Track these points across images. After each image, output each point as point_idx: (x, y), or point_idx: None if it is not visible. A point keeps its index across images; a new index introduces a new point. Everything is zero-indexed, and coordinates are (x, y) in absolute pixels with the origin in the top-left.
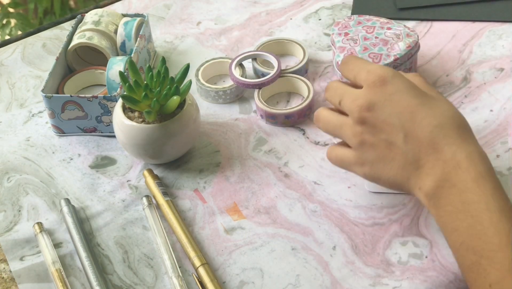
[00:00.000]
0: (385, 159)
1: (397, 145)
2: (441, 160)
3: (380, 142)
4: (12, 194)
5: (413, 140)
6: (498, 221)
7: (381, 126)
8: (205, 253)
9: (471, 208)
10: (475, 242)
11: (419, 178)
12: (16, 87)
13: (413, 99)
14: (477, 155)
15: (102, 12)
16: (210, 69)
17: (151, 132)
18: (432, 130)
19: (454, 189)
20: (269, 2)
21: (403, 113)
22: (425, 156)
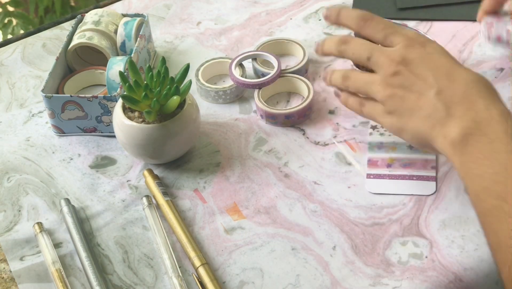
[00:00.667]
0: (413, 109)
1: (429, 97)
2: (474, 110)
3: (411, 94)
4: (12, 194)
5: (446, 95)
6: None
7: (415, 80)
8: (205, 253)
9: (500, 156)
10: (499, 187)
11: (446, 126)
12: (16, 87)
13: (449, 60)
14: (508, 113)
15: (102, 12)
16: (210, 69)
17: (151, 132)
18: (468, 84)
19: (484, 138)
20: (269, 2)
21: (439, 71)
22: (457, 106)
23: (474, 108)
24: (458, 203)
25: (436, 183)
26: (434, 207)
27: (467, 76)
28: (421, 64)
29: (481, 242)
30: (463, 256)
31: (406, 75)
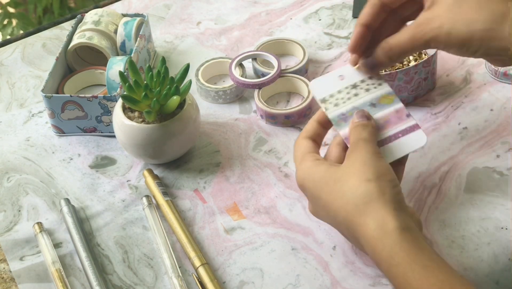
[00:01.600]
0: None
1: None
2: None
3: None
4: (12, 194)
5: (349, 235)
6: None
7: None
8: (205, 253)
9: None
10: None
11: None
12: (16, 87)
13: (323, 202)
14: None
15: (102, 12)
16: (210, 69)
17: (151, 132)
18: (345, 217)
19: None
20: (269, 2)
21: (326, 217)
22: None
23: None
24: (458, 203)
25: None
26: (434, 207)
27: (340, 207)
28: (316, 209)
29: (481, 242)
30: (463, 256)
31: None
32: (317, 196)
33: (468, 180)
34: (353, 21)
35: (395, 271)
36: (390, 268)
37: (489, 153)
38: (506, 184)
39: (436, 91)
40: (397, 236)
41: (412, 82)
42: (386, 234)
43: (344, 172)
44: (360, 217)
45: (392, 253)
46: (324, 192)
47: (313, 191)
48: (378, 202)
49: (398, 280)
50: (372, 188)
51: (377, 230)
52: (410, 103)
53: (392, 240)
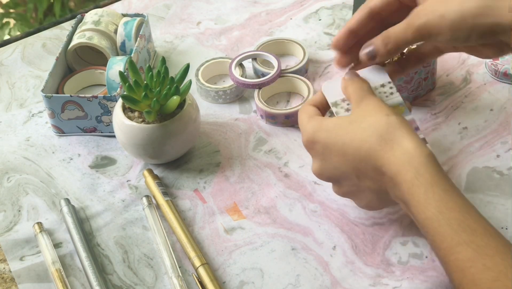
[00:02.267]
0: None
1: (360, 185)
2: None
3: (351, 187)
4: (12, 194)
5: (364, 175)
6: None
7: (337, 180)
8: (205, 253)
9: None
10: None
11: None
12: (16, 87)
13: (338, 147)
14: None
15: (102, 12)
16: (210, 69)
17: (151, 132)
18: (368, 153)
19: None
20: (269, 2)
21: (342, 163)
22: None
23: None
24: None
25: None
26: None
27: (363, 147)
28: (326, 165)
29: None
30: None
31: (328, 179)
32: (331, 143)
33: (468, 180)
34: None
35: (416, 191)
36: (412, 188)
37: (489, 153)
38: (506, 183)
39: (436, 91)
40: (423, 158)
41: (412, 82)
42: (413, 157)
43: (358, 114)
44: (386, 145)
45: (417, 174)
46: (341, 134)
47: (327, 139)
48: (402, 131)
49: (417, 200)
50: (393, 120)
51: (404, 154)
52: (410, 103)
53: (418, 162)
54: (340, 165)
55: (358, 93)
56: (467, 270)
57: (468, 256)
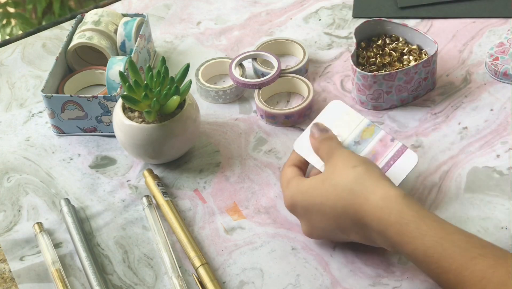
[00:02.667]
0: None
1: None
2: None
3: (344, 240)
4: (12, 194)
5: (348, 230)
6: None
7: (327, 236)
8: (205, 253)
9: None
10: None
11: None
12: (16, 87)
13: (317, 207)
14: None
15: (102, 12)
16: (210, 69)
17: (151, 132)
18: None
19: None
20: (269, 2)
21: (324, 222)
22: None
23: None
24: (458, 202)
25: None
26: (434, 206)
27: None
28: (309, 224)
29: None
30: None
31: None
32: (309, 205)
33: (468, 180)
34: (353, 21)
35: (406, 230)
36: (401, 228)
37: (489, 153)
38: (506, 183)
39: (436, 91)
40: (402, 200)
41: (412, 82)
42: (391, 201)
43: (329, 171)
44: (359, 197)
45: (402, 214)
46: (316, 195)
47: (304, 201)
48: (371, 180)
49: (411, 236)
50: (362, 170)
51: (381, 201)
52: (410, 103)
53: (398, 204)
54: (323, 224)
55: (327, 151)
56: (490, 276)
57: (489, 264)
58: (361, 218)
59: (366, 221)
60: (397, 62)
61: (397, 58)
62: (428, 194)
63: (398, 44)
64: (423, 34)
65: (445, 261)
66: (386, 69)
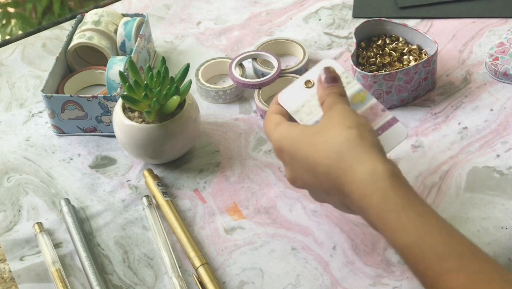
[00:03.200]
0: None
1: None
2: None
3: (324, 199)
4: (12, 194)
5: (330, 192)
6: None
7: (308, 190)
8: (205, 253)
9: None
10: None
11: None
12: (16, 87)
13: (302, 159)
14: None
15: (102, 12)
16: (210, 69)
17: (151, 132)
18: (328, 171)
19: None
20: (269, 2)
21: (307, 176)
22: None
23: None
24: (458, 202)
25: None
26: (434, 206)
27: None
28: (294, 171)
29: (481, 242)
30: None
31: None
32: (295, 153)
33: (468, 179)
34: (353, 21)
35: (387, 217)
36: (382, 213)
37: (489, 153)
38: (506, 183)
39: (436, 91)
40: (388, 179)
41: (412, 82)
42: (376, 178)
43: (323, 124)
44: (346, 162)
45: (385, 198)
46: (304, 145)
47: (291, 148)
48: (362, 147)
49: (391, 226)
50: (355, 133)
51: (366, 174)
52: (410, 103)
53: (384, 184)
54: (306, 177)
55: (330, 103)
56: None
57: (462, 283)
58: (342, 185)
59: (347, 190)
60: (397, 62)
61: (397, 58)
62: (428, 194)
63: (398, 44)
64: (423, 34)
65: (421, 264)
66: (386, 69)
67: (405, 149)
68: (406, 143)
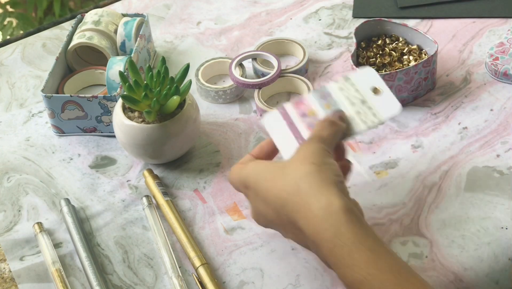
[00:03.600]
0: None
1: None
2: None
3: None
4: (12, 194)
5: (287, 228)
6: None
7: (271, 227)
8: (205, 253)
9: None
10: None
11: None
12: (16, 87)
13: (263, 193)
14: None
15: (102, 12)
16: (210, 69)
17: (151, 132)
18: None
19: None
20: (269, 2)
21: (266, 211)
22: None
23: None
24: (458, 202)
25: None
26: (434, 206)
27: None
28: (257, 210)
29: (481, 242)
30: (463, 256)
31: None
32: (258, 188)
33: (468, 179)
34: (353, 21)
35: (339, 252)
36: (334, 248)
37: (489, 153)
38: (506, 183)
39: (436, 91)
40: (342, 216)
41: (412, 82)
42: (331, 213)
43: (290, 160)
44: (302, 197)
45: (338, 233)
46: (266, 179)
47: (255, 184)
48: (321, 183)
49: (342, 262)
50: (315, 169)
51: (321, 210)
52: (410, 103)
53: (338, 220)
54: (266, 213)
55: (315, 132)
56: None
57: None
58: (297, 219)
59: (301, 225)
60: (397, 62)
61: (397, 58)
62: (428, 194)
63: (398, 44)
64: (423, 34)
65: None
66: (386, 69)
67: (405, 149)
68: (406, 144)
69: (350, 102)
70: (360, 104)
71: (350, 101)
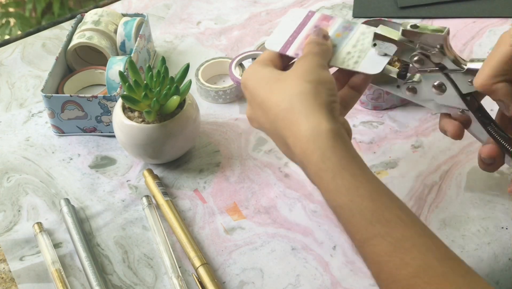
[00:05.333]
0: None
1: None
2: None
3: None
4: (12, 194)
5: (278, 140)
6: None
7: (264, 131)
8: (205, 253)
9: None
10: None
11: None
12: (15, 87)
13: (259, 101)
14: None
15: (102, 12)
16: (210, 69)
17: (151, 132)
18: (278, 118)
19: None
20: (269, 2)
21: (262, 118)
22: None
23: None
24: (458, 202)
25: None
26: (434, 206)
27: (276, 108)
28: (253, 113)
29: (481, 242)
30: (463, 256)
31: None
32: (255, 93)
33: (469, 179)
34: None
35: (324, 176)
36: (319, 172)
37: None
38: (507, 183)
39: None
40: (329, 139)
41: None
42: (319, 135)
43: (288, 74)
44: (293, 115)
45: (324, 157)
46: (263, 89)
47: (253, 88)
48: (313, 102)
49: (326, 186)
50: (310, 88)
51: (310, 130)
52: (411, 103)
53: (325, 143)
54: (260, 119)
55: (306, 50)
56: (384, 265)
57: (385, 250)
58: (287, 136)
59: (290, 143)
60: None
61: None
62: (428, 193)
63: None
64: None
65: (351, 227)
66: None
67: (405, 148)
68: (406, 144)
69: (353, 44)
70: (358, 52)
71: (355, 43)
